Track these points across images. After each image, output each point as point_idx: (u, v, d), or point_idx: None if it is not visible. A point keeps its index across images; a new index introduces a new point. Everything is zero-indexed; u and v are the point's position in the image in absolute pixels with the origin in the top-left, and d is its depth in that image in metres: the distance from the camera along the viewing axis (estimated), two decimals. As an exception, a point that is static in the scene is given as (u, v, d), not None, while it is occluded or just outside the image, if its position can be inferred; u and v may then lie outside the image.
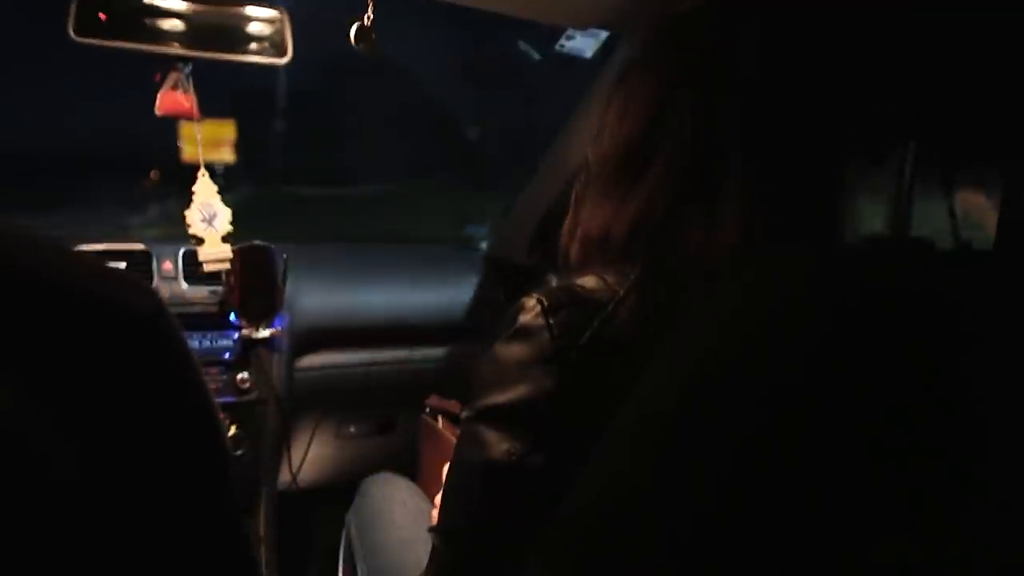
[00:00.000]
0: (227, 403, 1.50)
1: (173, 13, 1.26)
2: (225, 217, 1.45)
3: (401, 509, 1.25)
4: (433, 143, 5.14)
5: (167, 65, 1.30)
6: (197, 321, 1.49)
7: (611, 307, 0.65)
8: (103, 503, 0.39)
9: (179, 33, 1.27)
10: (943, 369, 0.42)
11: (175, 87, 1.31)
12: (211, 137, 1.41)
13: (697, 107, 0.67)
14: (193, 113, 1.34)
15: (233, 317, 1.51)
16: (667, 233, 0.67)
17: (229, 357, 1.51)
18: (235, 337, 1.51)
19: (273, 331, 1.53)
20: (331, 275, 1.75)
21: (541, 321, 0.65)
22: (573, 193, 0.79)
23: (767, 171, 0.66)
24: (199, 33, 1.28)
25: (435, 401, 1.36)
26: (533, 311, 0.67)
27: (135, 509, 0.41)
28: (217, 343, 1.50)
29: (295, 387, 1.64)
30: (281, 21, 1.32)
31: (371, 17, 1.04)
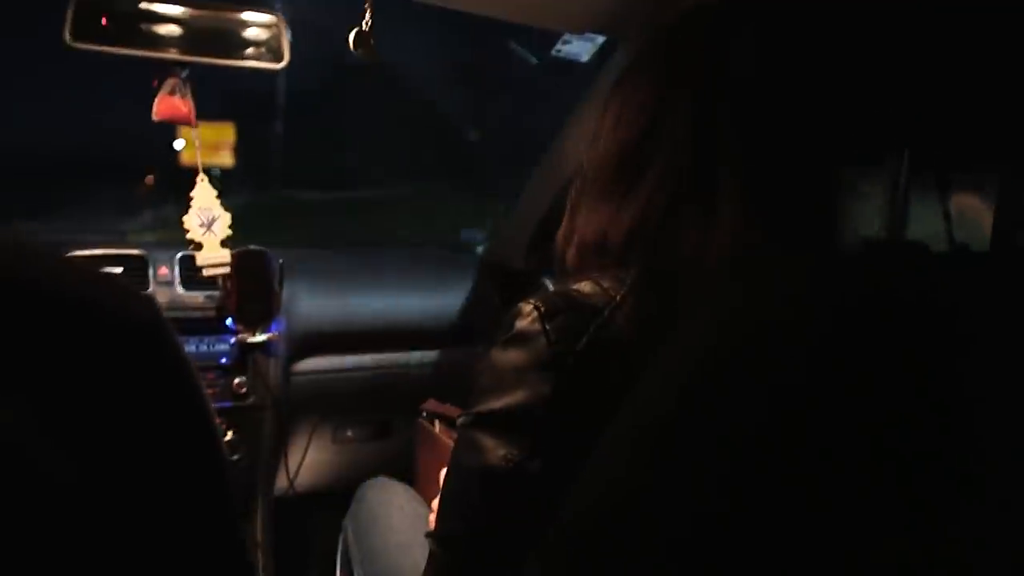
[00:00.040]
0: (224, 408, 1.50)
1: (169, 18, 1.26)
2: (224, 222, 1.45)
3: (398, 513, 1.25)
4: (431, 147, 5.15)
5: (165, 70, 1.30)
6: (194, 326, 1.49)
7: (608, 312, 0.65)
8: (102, 510, 0.39)
9: (176, 38, 1.27)
10: (943, 369, 0.42)
11: (172, 92, 1.31)
12: (211, 140, 1.41)
13: (694, 108, 0.67)
14: (190, 118, 1.34)
15: (230, 322, 1.51)
16: (664, 237, 0.67)
17: (226, 362, 1.51)
18: (232, 342, 1.51)
19: (270, 336, 1.53)
20: (327, 279, 1.75)
21: (538, 326, 0.65)
22: (568, 198, 0.79)
23: (765, 172, 0.66)
24: (196, 38, 1.28)
25: (432, 405, 1.36)
26: (530, 316, 0.66)
27: (133, 515, 0.41)
28: (214, 348, 1.51)
29: (292, 392, 1.64)
30: (278, 26, 1.32)
31: (369, 23, 1.04)
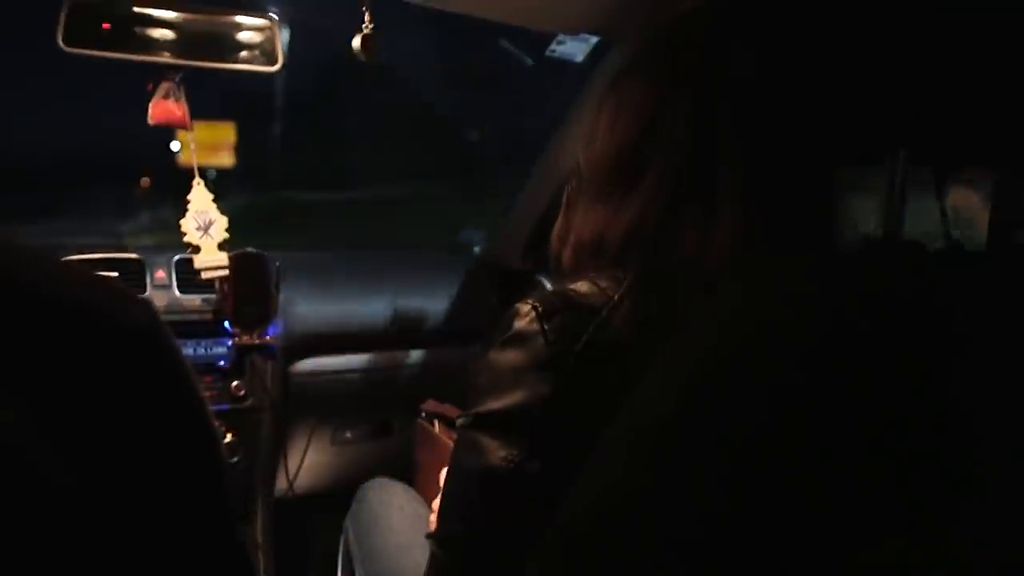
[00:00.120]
0: (222, 410, 1.50)
1: (163, 22, 1.26)
2: (221, 224, 1.45)
3: (398, 514, 1.25)
4: (430, 147, 5.14)
5: (159, 74, 1.30)
6: (191, 329, 1.49)
7: (606, 312, 0.65)
8: (101, 513, 0.39)
9: (169, 42, 1.26)
10: (940, 369, 0.42)
11: (167, 96, 1.31)
12: (210, 141, 1.41)
13: (694, 108, 0.67)
14: (185, 122, 1.34)
15: (227, 324, 1.51)
16: (664, 237, 0.66)
17: (224, 364, 1.51)
18: (229, 344, 1.51)
19: (267, 338, 1.53)
20: (324, 280, 1.75)
21: (536, 327, 0.65)
22: (564, 198, 0.79)
23: (765, 172, 0.66)
24: (189, 42, 1.28)
25: (431, 405, 1.36)
26: (528, 317, 0.66)
27: (132, 518, 0.41)
28: (211, 351, 1.50)
29: (290, 393, 1.64)
30: (271, 29, 1.31)
31: (371, 26, 1.04)
